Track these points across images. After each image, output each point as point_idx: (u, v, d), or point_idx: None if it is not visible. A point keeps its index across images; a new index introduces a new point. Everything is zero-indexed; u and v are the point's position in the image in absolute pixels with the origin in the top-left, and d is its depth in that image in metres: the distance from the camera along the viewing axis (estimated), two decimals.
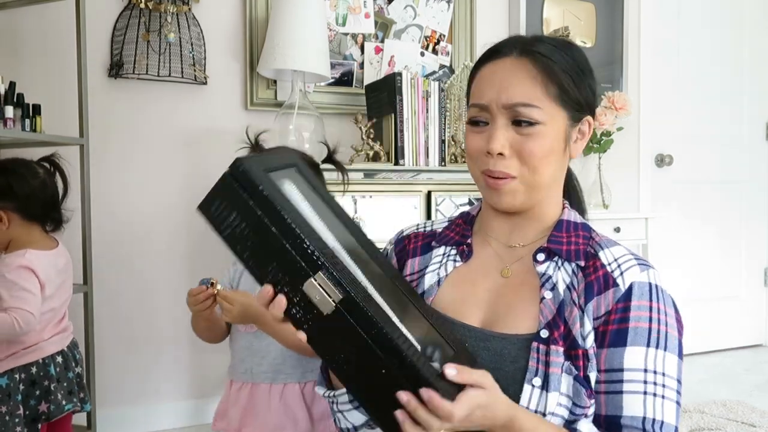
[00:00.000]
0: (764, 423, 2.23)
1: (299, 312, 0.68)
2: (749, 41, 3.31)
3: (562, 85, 0.85)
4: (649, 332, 0.81)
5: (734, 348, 3.31)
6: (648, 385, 0.79)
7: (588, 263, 0.86)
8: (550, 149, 0.85)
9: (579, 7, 2.88)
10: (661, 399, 0.79)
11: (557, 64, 0.85)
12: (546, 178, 0.86)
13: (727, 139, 3.29)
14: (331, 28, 2.42)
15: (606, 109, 2.75)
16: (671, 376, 0.81)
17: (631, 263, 0.84)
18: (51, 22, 2.06)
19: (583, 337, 0.81)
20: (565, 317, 0.83)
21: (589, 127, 0.91)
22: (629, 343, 0.80)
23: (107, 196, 2.15)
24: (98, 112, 2.09)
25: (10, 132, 1.73)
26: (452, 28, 2.64)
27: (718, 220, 3.27)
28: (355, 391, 0.72)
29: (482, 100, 0.86)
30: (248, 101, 2.31)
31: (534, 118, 0.83)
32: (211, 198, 0.68)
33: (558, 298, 0.84)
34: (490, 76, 0.87)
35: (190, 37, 2.20)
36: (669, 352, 0.81)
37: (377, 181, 2.12)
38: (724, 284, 3.31)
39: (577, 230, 0.90)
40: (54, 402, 1.55)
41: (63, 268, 1.63)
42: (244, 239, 0.68)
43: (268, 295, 0.69)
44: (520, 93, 0.84)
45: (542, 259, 0.88)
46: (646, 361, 0.80)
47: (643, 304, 0.81)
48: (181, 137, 2.27)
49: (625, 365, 0.80)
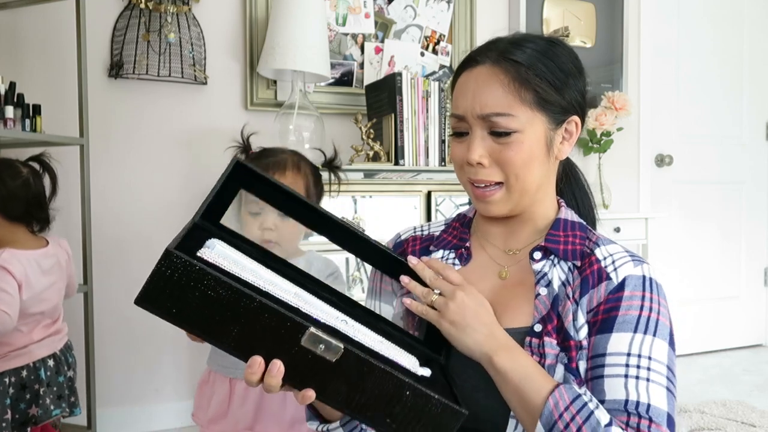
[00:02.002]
0: (764, 423, 2.23)
1: (302, 370, 0.64)
2: (749, 41, 3.31)
3: (537, 90, 0.83)
4: (638, 319, 0.80)
5: (734, 348, 3.31)
6: (630, 368, 0.78)
7: (584, 262, 0.86)
8: (529, 156, 0.84)
9: (579, 7, 2.88)
10: (646, 382, 0.77)
11: (532, 70, 0.83)
12: (530, 183, 0.86)
13: (727, 139, 3.29)
14: (331, 28, 2.42)
15: (606, 109, 2.75)
16: (659, 360, 0.78)
17: (625, 259, 0.85)
18: (51, 22, 2.06)
19: (576, 330, 0.81)
20: (558, 311, 0.83)
21: (577, 127, 0.90)
22: (615, 330, 0.80)
23: (107, 196, 2.15)
24: (98, 112, 2.09)
25: (10, 132, 1.73)
26: (452, 28, 2.65)
27: (718, 220, 3.27)
28: (372, 419, 0.69)
29: (458, 111, 0.87)
30: (248, 101, 2.31)
31: (509, 128, 0.83)
32: (154, 291, 0.62)
33: (552, 293, 0.85)
34: (464, 85, 0.87)
35: (190, 37, 2.20)
36: (658, 338, 0.80)
37: (377, 181, 2.12)
38: (724, 284, 3.31)
39: (575, 230, 0.90)
40: (42, 407, 1.54)
41: (50, 269, 1.61)
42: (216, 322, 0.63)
43: (259, 366, 0.64)
44: (492, 103, 0.83)
45: (539, 257, 0.88)
46: (631, 346, 0.79)
47: (636, 294, 0.82)
48: (181, 137, 2.27)
49: (608, 350, 0.79)
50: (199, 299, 0.61)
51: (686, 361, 3.09)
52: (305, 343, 0.63)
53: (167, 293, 0.61)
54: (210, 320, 0.63)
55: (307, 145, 2.16)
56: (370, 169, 2.13)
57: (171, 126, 2.25)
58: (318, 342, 0.63)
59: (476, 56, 0.87)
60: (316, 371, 0.64)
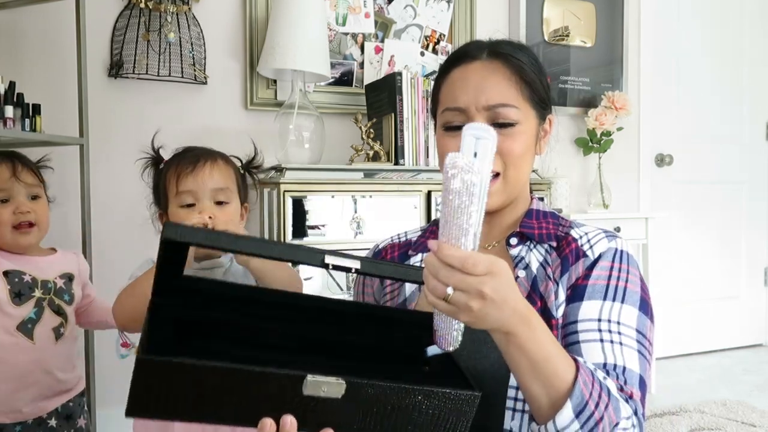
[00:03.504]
0: (764, 423, 2.23)
1: (313, 416, 0.64)
2: (749, 41, 3.31)
3: (533, 85, 0.87)
4: (607, 288, 0.82)
5: (734, 348, 3.31)
6: (603, 333, 0.79)
7: (561, 243, 0.88)
8: (527, 147, 0.88)
9: (579, 7, 2.88)
10: (619, 345, 0.79)
11: (526, 65, 0.87)
12: (524, 174, 0.90)
13: (727, 139, 3.29)
14: (331, 28, 2.42)
15: (606, 109, 2.75)
16: (628, 325, 0.80)
17: (600, 237, 0.88)
18: (51, 22, 2.06)
19: (557, 308, 0.83)
20: (540, 292, 0.85)
21: (551, 125, 0.94)
22: (586, 298, 0.82)
23: (107, 196, 2.15)
24: (98, 112, 2.09)
25: (10, 132, 1.73)
26: (452, 27, 2.64)
27: (718, 220, 3.27)
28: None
29: (458, 104, 0.87)
30: (248, 101, 2.31)
31: (513, 119, 0.86)
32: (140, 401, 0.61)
33: (531, 275, 0.86)
34: (462, 79, 0.88)
35: (190, 37, 2.20)
36: (627, 304, 0.81)
37: (377, 180, 2.12)
38: (724, 284, 3.31)
39: (546, 218, 0.93)
40: None
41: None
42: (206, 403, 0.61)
43: (271, 427, 0.63)
44: (498, 94, 0.85)
45: (515, 243, 0.90)
46: (601, 312, 0.81)
47: (605, 264, 0.84)
48: (181, 137, 2.26)
49: (580, 317, 0.81)
50: (187, 392, 0.60)
51: (686, 361, 3.09)
52: (308, 391, 0.62)
53: (154, 398, 0.61)
54: (205, 405, 0.62)
55: (307, 145, 2.16)
56: (370, 169, 2.13)
57: (171, 126, 2.24)
58: (319, 386, 0.62)
59: (468, 51, 0.90)
60: (327, 411, 0.64)
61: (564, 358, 0.70)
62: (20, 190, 1.47)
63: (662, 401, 2.50)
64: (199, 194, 1.14)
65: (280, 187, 1.95)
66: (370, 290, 1.02)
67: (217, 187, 1.15)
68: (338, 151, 2.36)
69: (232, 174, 1.21)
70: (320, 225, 2.01)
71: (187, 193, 1.14)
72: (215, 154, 1.21)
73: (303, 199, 1.98)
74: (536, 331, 0.68)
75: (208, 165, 1.16)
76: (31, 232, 1.48)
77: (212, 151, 1.23)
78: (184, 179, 1.14)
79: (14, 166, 1.47)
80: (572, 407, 0.68)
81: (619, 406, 0.72)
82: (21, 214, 1.45)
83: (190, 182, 1.14)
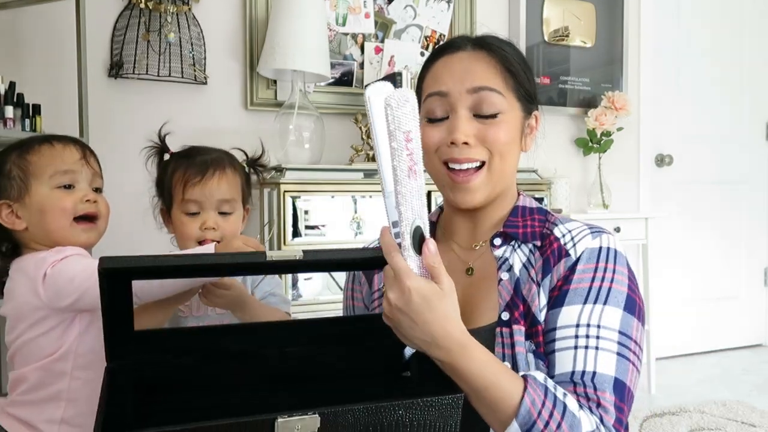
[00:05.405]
0: (764, 423, 2.23)
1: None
2: (749, 41, 3.31)
3: (517, 77, 0.87)
4: (589, 291, 0.80)
5: (734, 348, 3.32)
6: (579, 339, 0.77)
7: (544, 242, 0.86)
8: (512, 137, 0.87)
9: (579, 7, 2.88)
10: (594, 350, 0.76)
11: (510, 56, 0.87)
12: (510, 166, 0.88)
13: (727, 139, 3.29)
14: (331, 28, 2.42)
15: (606, 109, 2.75)
16: (608, 327, 0.78)
17: (584, 233, 0.85)
18: (51, 22, 2.06)
19: (540, 312, 0.81)
20: (523, 295, 0.83)
21: (537, 122, 0.93)
22: (566, 303, 0.80)
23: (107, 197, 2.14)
24: (98, 112, 2.09)
25: (10, 132, 1.73)
26: (452, 28, 2.65)
27: (718, 220, 3.27)
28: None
29: (442, 87, 0.86)
30: (248, 101, 2.31)
31: (497, 105, 0.85)
32: None
33: (514, 277, 0.84)
34: (447, 66, 0.88)
35: (190, 37, 2.20)
36: (609, 305, 0.79)
37: (377, 181, 2.11)
38: (724, 284, 3.31)
39: (533, 214, 0.91)
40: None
41: None
42: None
43: None
44: (483, 78, 0.85)
45: (499, 243, 0.89)
46: (580, 317, 0.78)
47: (589, 266, 0.81)
48: (181, 137, 2.26)
49: (558, 324, 0.79)
50: None
51: (686, 361, 3.09)
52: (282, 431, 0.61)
53: None
54: None
55: (307, 145, 2.16)
56: (370, 169, 2.13)
57: (171, 126, 2.24)
58: (293, 425, 0.61)
59: (453, 42, 0.90)
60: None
61: (509, 381, 0.71)
62: (86, 177, 1.20)
63: (662, 401, 2.51)
64: (205, 204, 1.15)
65: (280, 187, 1.95)
66: (359, 295, 1.01)
67: (223, 198, 1.16)
68: (338, 152, 2.36)
69: (239, 182, 1.21)
70: (320, 225, 2.01)
71: (193, 202, 1.15)
72: (224, 161, 1.21)
73: (303, 199, 1.98)
74: (473, 361, 0.70)
75: (217, 175, 1.16)
76: (95, 228, 1.20)
77: (221, 156, 1.22)
78: (191, 188, 1.15)
79: (84, 149, 1.22)
80: (519, 426, 0.70)
81: (577, 422, 0.71)
82: (88, 203, 1.18)
83: (197, 192, 1.15)
